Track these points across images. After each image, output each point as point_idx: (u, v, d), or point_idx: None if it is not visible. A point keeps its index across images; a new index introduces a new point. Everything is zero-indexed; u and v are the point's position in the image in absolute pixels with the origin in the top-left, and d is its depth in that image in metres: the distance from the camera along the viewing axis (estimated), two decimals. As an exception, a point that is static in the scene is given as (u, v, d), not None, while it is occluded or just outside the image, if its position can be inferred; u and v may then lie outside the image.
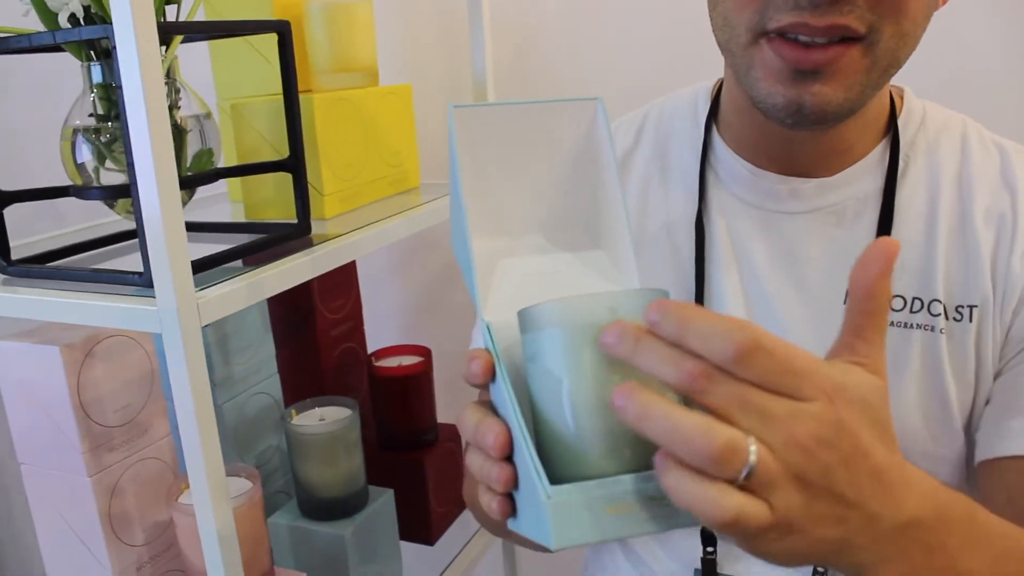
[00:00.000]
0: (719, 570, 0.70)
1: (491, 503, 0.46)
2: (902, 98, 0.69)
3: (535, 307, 0.45)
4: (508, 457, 0.45)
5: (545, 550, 0.43)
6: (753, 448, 0.39)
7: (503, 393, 0.46)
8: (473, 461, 0.47)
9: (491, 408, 0.48)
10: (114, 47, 0.58)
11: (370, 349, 1.09)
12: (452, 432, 1.07)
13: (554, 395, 0.44)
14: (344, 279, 1.04)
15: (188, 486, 0.77)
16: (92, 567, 0.76)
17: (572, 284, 0.54)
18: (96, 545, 0.76)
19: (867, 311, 0.45)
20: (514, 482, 0.45)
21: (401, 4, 1.21)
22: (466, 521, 1.10)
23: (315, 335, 1.00)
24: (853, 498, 0.42)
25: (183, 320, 0.59)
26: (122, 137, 0.70)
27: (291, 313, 0.99)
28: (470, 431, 0.47)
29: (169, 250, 0.57)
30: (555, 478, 0.44)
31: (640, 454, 0.43)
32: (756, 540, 0.41)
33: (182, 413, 0.60)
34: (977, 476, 0.65)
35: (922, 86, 0.71)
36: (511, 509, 0.46)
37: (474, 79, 1.00)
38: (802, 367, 0.41)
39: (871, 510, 0.42)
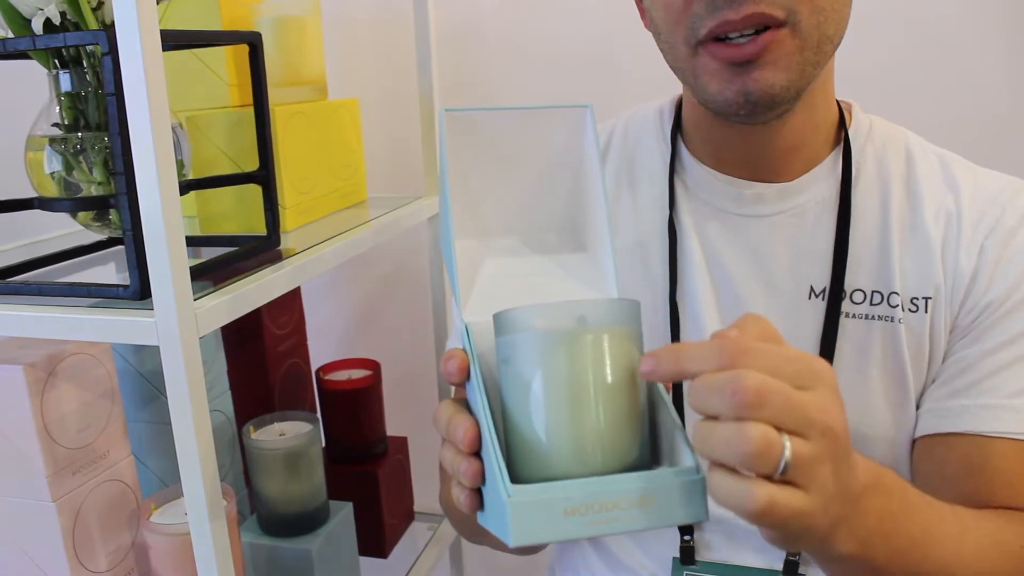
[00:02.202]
0: (696, 557, 0.74)
1: (460, 496, 0.49)
2: (850, 112, 0.75)
3: (508, 311, 0.47)
4: (477, 453, 0.48)
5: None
6: (787, 442, 0.42)
7: (475, 392, 0.48)
8: (445, 456, 0.50)
9: (465, 405, 0.50)
10: (106, 53, 0.58)
11: (312, 365, 1.08)
12: (400, 444, 1.08)
13: (522, 398, 0.46)
14: (288, 294, 1.03)
15: (158, 506, 0.75)
16: (53, 597, 0.73)
17: (552, 288, 0.57)
18: (59, 574, 0.72)
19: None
20: (481, 477, 0.47)
21: (342, 18, 1.21)
22: (415, 533, 1.10)
23: (263, 351, 0.99)
24: (848, 476, 0.47)
25: (183, 331, 0.58)
26: (90, 147, 0.68)
27: (238, 329, 0.98)
28: (443, 425, 0.50)
29: (171, 260, 0.56)
30: (521, 478, 0.46)
31: (606, 459, 0.45)
32: (792, 529, 0.45)
33: (179, 427, 0.59)
34: (913, 449, 0.71)
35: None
36: (479, 503, 0.48)
37: (420, 94, 1.02)
38: (795, 353, 0.45)
39: (851, 484, 0.48)
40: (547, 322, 0.46)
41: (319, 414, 1.04)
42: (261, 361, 0.99)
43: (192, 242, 0.81)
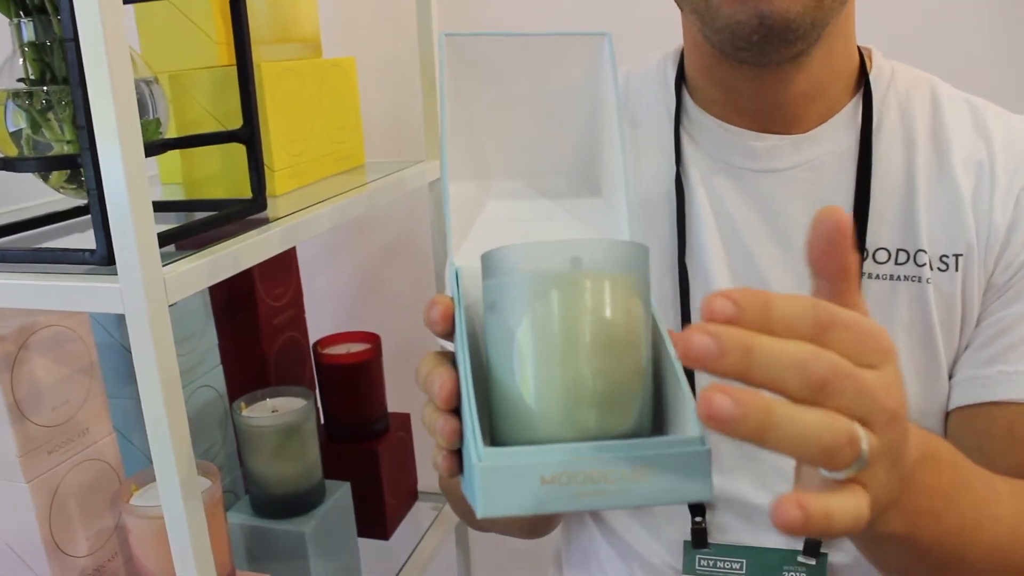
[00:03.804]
0: (709, 540, 0.69)
1: (437, 458, 0.43)
2: (871, 57, 0.69)
3: (495, 250, 0.41)
4: (457, 410, 0.42)
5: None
6: (863, 437, 0.36)
7: (458, 342, 0.43)
8: (424, 413, 0.44)
9: (451, 359, 0.45)
10: (63, -5, 0.53)
11: (310, 338, 1.03)
12: (402, 421, 1.03)
13: (506, 350, 0.40)
14: (284, 264, 0.99)
15: (138, 487, 0.71)
16: (30, 583, 0.69)
17: (558, 234, 0.51)
18: (35, 559, 0.68)
19: (848, 289, 0.40)
20: (459, 437, 0.42)
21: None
22: (419, 514, 1.06)
23: (257, 324, 0.94)
24: (905, 459, 0.41)
25: (150, 298, 0.53)
26: (58, 103, 0.63)
27: (231, 301, 0.93)
28: (422, 378, 0.44)
29: (135, 222, 0.52)
30: (505, 441, 0.40)
31: (599, 423, 0.39)
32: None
33: (148, 400, 0.55)
34: (948, 421, 0.66)
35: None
36: (457, 467, 0.43)
37: (421, 54, 0.96)
38: (871, 327, 0.38)
39: (905, 463, 0.42)
40: (535, 263, 0.40)
41: (317, 390, 1.00)
42: (255, 334, 0.94)
43: (173, 207, 0.76)
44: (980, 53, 0.98)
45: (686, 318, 0.67)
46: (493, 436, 0.41)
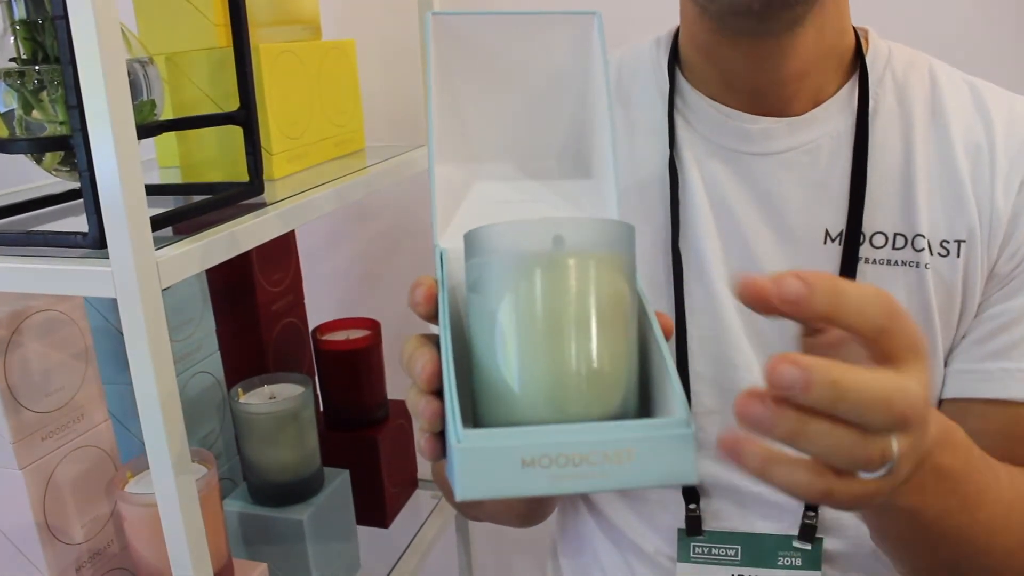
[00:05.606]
0: (704, 527, 0.68)
1: (420, 440, 0.43)
2: (867, 39, 0.68)
3: (476, 230, 0.41)
4: (440, 392, 0.41)
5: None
6: (896, 447, 0.38)
7: (440, 323, 0.42)
8: (408, 395, 0.44)
9: (435, 340, 0.44)
10: (52, -29, 0.51)
11: (309, 325, 1.03)
12: (402, 408, 1.02)
13: (487, 332, 0.40)
14: (284, 250, 0.98)
15: (134, 474, 0.70)
16: (25, 571, 0.68)
17: (545, 214, 0.50)
18: (29, 546, 0.68)
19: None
20: (440, 419, 0.41)
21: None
22: (419, 502, 1.05)
23: (255, 310, 0.93)
24: (922, 442, 0.42)
25: (142, 282, 0.52)
26: (51, 83, 0.62)
27: (229, 287, 0.92)
28: (404, 360, 0.44)
29: (127, 205, 0.50)
30: (487, 425, 0.40)
31: (583, 405, 0.38)
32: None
33: (141, 386, 0.54)
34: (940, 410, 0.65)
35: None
36: (440, 450, 0.42)
37: (422, 35, 0.95)
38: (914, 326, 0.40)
39: (923, 446, 0.42)
40: (517, 242, 0.39)
41: (316, 376, 0.99)
42: (254, 321, 0.94)
43: (169, 190, 0.75)
44: (974, 31, 0.97)
45: (679, 303, 0.66)
46: (477, 419, 0.40)
